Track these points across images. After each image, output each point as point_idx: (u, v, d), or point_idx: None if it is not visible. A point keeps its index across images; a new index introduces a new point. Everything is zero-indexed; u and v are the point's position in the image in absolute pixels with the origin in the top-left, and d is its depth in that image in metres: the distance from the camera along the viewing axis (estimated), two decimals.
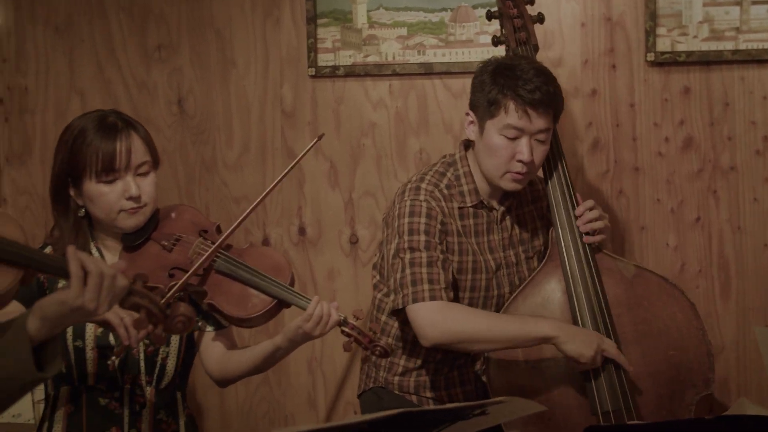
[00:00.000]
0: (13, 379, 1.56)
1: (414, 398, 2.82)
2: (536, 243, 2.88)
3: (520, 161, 2.64)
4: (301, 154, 2.49)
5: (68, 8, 3.72)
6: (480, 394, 2.84)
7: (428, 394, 2.82)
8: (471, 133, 2.74)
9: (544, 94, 2.61)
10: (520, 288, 2.74)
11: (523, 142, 2.63)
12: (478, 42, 3.48)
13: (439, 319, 2.60)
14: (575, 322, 2.67)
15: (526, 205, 2.88)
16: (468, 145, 2.81)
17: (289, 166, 2.47)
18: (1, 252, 1.56)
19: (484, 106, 2.67)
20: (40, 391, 2.92)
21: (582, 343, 2.57)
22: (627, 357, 2.66)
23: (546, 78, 2.65)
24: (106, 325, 2.16)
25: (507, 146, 2.65)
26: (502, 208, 2.80)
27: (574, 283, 2.70)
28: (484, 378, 2.78)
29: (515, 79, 2.63)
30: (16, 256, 1.57)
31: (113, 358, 2.24)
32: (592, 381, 2.64)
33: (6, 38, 3.72)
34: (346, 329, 2.33)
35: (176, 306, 1.75)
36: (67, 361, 2.28)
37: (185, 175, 3.68)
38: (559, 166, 2.80)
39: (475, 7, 3.49)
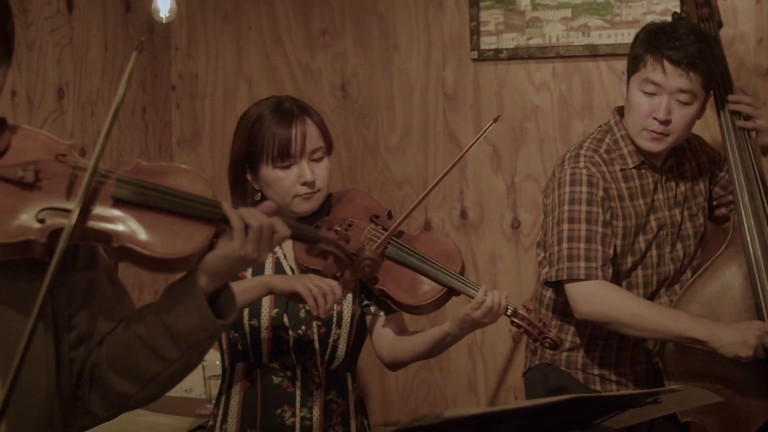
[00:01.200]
0: (198, 330, 1.60)
1: (580, 375, 2.76)
2: (699, 199, 2.81)
3: (655, 119, 2.58)
4: (479, 135, 2.50)
5: None
6: (651, 376, 2.77)
7: (596, 372, 2.76)
8: (624, 92, 2.70)
9: (688, 54, 2.54)
10: (699, 272, 2.66)
11: (662, 100, 2.57)
12: (645, 22, 3.38)
13: (592, 299, 2.59)
14: (757, 310, 2.58)
15: (687, 162, 2.80)
16: (622, 110, 2.77)
17: (468, 146, 2.49)
18: (193, 209, 1.58)
19: (630, 62, 2.65)
20: (210, 368, 3.02)
21: (737, 345, 2.50)
22: None
23: (697, 38, 2.56)
24: (296, 297, 2.20)
25: (645, 102, 2.60)
26: (666, 167, 2.73)
27: (757, 269, 2.60)
28: (656, 360, 2.71)
29: (662, 35, 2.58)
30: (208, 213, 1.59)
31: (303, 327, 2.30)
32: None
33: (178, 27, 3.85)
34: (516, 320, 2.31)
35: (362, 251, 1.75)
36: (243, 339, 2.34)
37: (348, 159, 3.73)
38: (744, 148, 2.71)
39: None
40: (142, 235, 1.55)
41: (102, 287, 1.67)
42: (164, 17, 3.51)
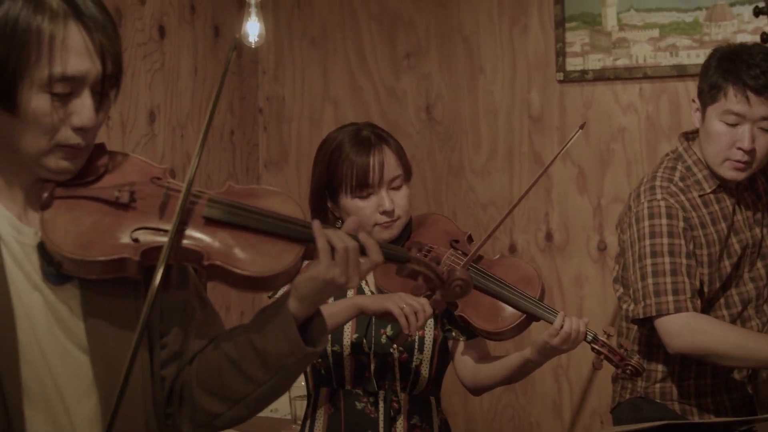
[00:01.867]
0: (288, 356, 1.61)
1: (677, 406, 2.69)
2: None
3: (740, 149, 2.53)
4: (565, 143, 2.50)
5: (322, 20, 3.86)
6: (748, 404, 2.70)
7: (692, 401, 2.69)
8: (696, 120, 2.64)
9: None
10: None
11: (744, 129, 2.51)
12: (736, 41, 3.33)
13: (685, 332, 2.52)
14: None
15: (758, 179, 2.74)
16: (688, 137, 2.72)
17: (553, 158, 2.49)
18: (282, 228, 1.61)
19: (706, 91, 2.58)
20: (296, 389, 3.04)
21: None
22: None
23: None
24: (387, 316, 2.21)
25: (727, 133, 2.54)
26: (741, 187, 2.68)
27: None
28: (749, 388, 2.65)
29: (740, 63, 2.51)
30: (297, 232, 1.61)
31: (394, 347, 2.30)
32: None
33: (266, 51, 3.92)
34: (596, 346, 2.29)
35: (452, 271, 1.73)
36: (325, 365, 2.36)
37: (433, 181, 3.74)
38: None
39: (732, 4, 3.35)
40: (232, 253, 1.57)
41: (193, 307, 1.70)
42: (253, 42, 3.58)
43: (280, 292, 2.25)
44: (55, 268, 1.53)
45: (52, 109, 1.48)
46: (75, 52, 1.48)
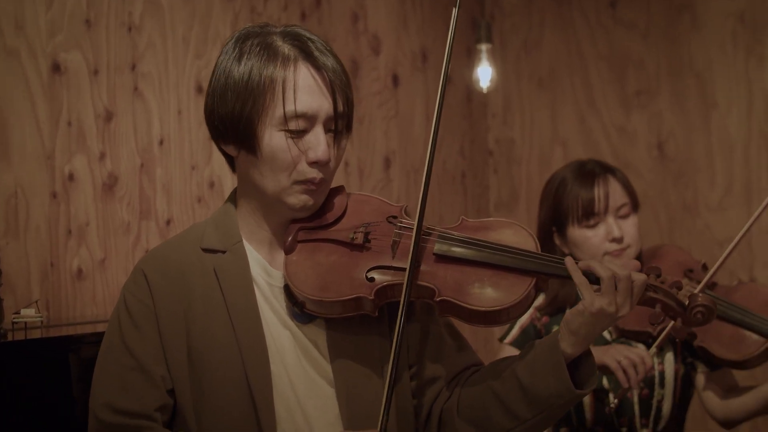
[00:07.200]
0: (555, 397, 1.59)
1: None
2: None
3: None
4: None
5: (550, 62, 3.90)
6: None
7: None
8: None
9: None
10: None
11: None
12: None
13: None
14: None
15: None
16: None
17: None
18: (513, 261, 1.61)
19: None
20: None
21: None
22: None
23: None
24: (605, 370, 2.20)
25: None
26: None
27: None
28: None
29: None
30: (527, 264, 1.60)
31: (614, 401, 2.28)
32: None
33: (494, 95, 3.99)
34: None
35: (694, 297, 1.64)
36: None
37: (666, 219, 3.68)
38: None
39: None
40: (462, 289, 1.60)
41: (441, 336, 1.73)
42: (485, 87, 3.67)
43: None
44: (299, 308, 1.63)
45: (288, 145, 1.59)
46: (307, 91, 1.59)
